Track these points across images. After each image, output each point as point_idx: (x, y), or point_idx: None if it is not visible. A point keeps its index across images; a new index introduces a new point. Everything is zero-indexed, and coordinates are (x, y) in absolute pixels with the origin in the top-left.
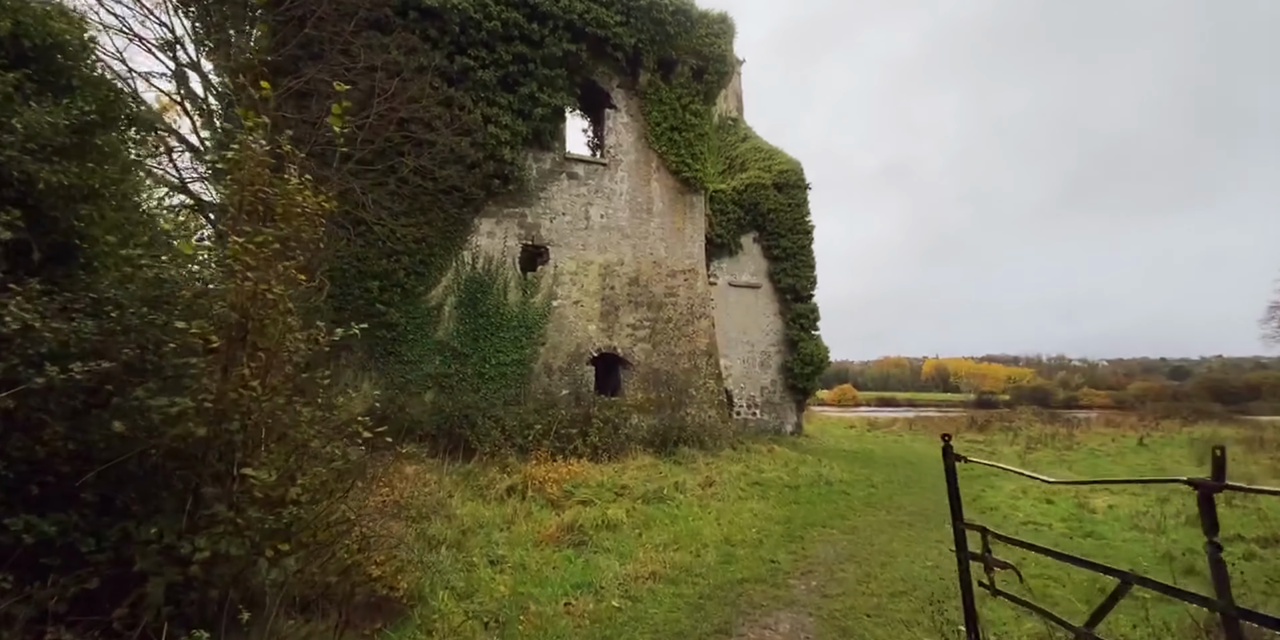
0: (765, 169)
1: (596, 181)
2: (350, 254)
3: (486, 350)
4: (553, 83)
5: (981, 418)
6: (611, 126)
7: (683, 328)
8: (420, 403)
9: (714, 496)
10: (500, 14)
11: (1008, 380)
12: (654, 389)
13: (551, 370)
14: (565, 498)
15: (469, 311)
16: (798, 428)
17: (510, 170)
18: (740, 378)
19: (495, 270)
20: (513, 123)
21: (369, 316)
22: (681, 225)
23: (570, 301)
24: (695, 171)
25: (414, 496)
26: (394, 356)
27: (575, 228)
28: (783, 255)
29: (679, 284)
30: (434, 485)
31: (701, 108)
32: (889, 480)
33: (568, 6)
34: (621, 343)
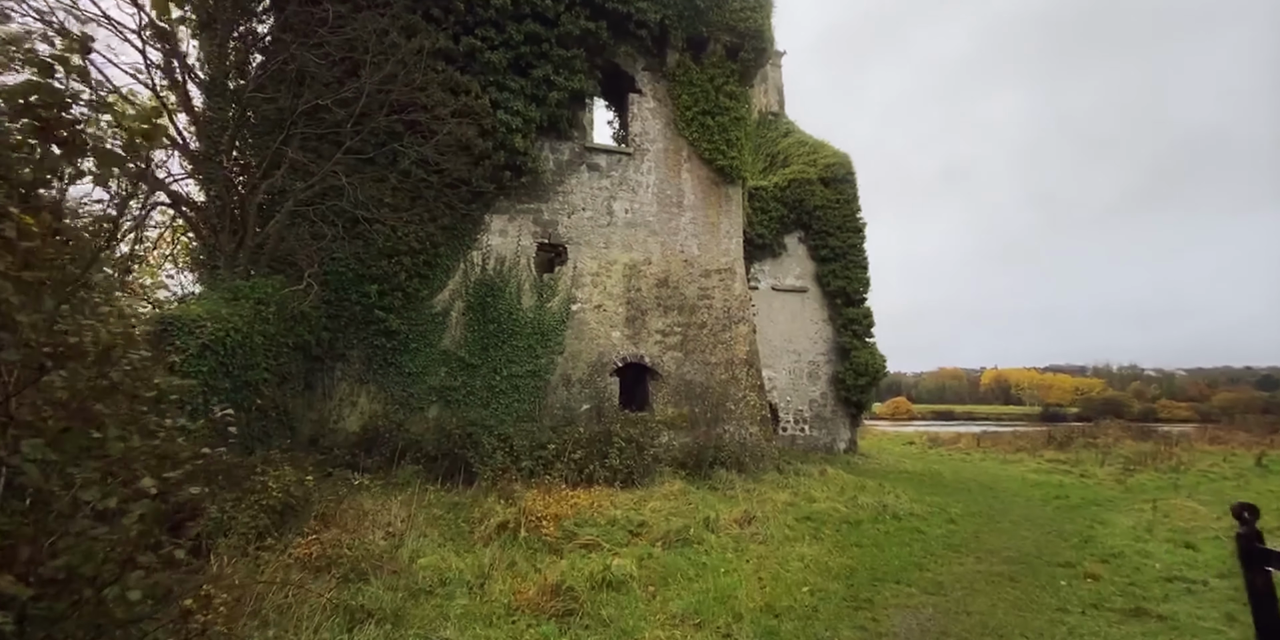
0: (810, 163)
1: (620, 173)
2: (347, 255)
3: (497, 360)
4: (570, 65)
5: (1060, 434)
6: (636, 112)
7: (719, 334)
8: (422, 419)
9: (754, 537)
10: None
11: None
12: (686, 403)
13: (570, 382)
14: (567, 539)
15: (478, 318)
16: (852, 445)
17: (523, 161)
18: (786, 390)
19: (507, 272)
20: (525, 109)
21: (367, 324)
22: (716, 220)
23: (591, 306)
24: (731, 160)
25: (358, 543)
26: (394, 368)
27: (597, 224)
28: (831, 256)
29: (714, 285)
30: (401, 524)
31: (737, 89)
32: (970, 512)
33: None
34: (649, 351)
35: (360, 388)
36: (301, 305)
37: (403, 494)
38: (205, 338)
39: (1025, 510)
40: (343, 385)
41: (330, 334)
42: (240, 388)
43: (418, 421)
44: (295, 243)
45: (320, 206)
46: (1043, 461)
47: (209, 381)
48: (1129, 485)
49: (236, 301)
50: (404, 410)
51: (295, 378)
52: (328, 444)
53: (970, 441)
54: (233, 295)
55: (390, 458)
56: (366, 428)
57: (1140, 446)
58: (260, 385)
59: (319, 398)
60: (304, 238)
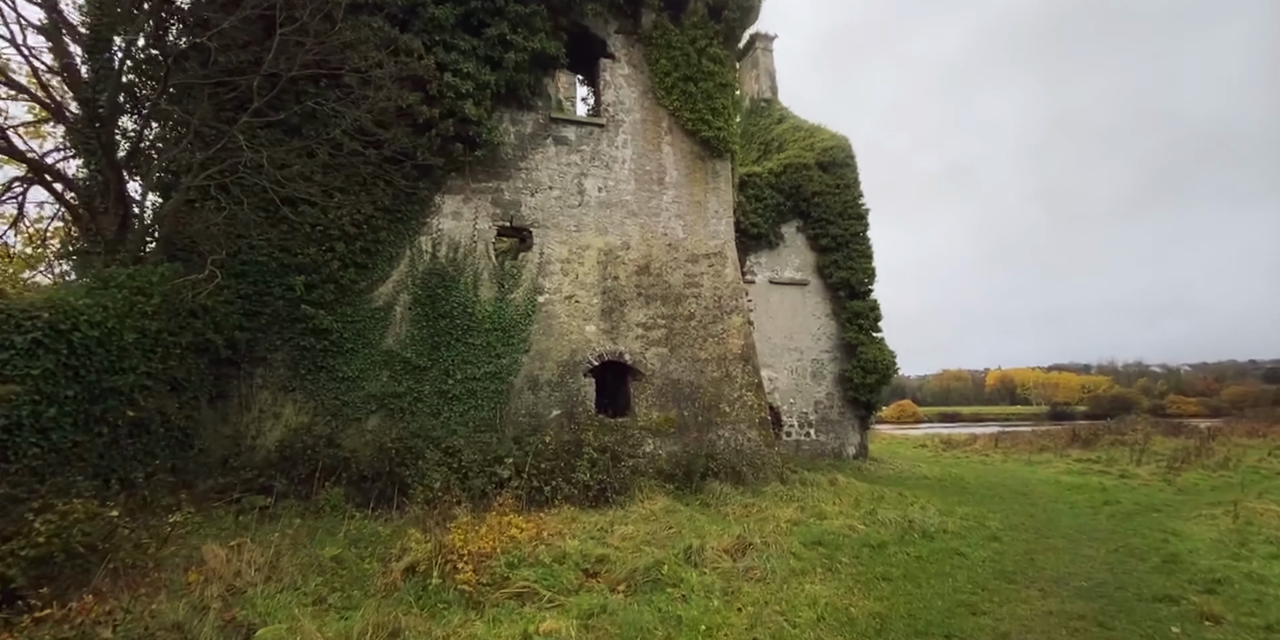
0: (806, 147)
1: (592, 147)
2: (269, 241)
3: (450, 361)
4: (529, 23)
5: (1085, 431)
6: (609, 80)
7: (709, 326)
8: (359, 432)
9: (749, 573)
10: None
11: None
12: (674, 405)
13: (537, 385)
14: (495, 585)
15: (427, 312)
16: (862, 450)
17: (477, 132)
18: (789, 391)
19: (462, 260)
20: (478, 71)
21: (293, 321)
22: (702, 198)
23: (561, 297)
24: (716, 130)
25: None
26: (326, 372)
27: (566, 205)
28: (832, 245)
29: (702, 271)
30: (254, 573)
31: (722, 52)
32: (1012, 525)
33: None
34: (630, 347)
35: (285, 397)
36: (199, 297)
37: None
38: (37, 332)
39: (1075, 520)
40: (263, 394)
41: (248, 334)
42: (99, 396)
43: (353, 435)
44: (200, 227)
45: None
46: (1071, 462)
47: (41, 386)
48: (1180, 486)
49: (102, 291)
50: (337, 422)
51: (197, 385)
52: (240, 464)
53: (987, 442)
54: (101, 284)
55: (310, 479)
56: (285, 444)
57: (1174, 442)
58: (135, 393)
59: (234, 409)
60: (215, 221)
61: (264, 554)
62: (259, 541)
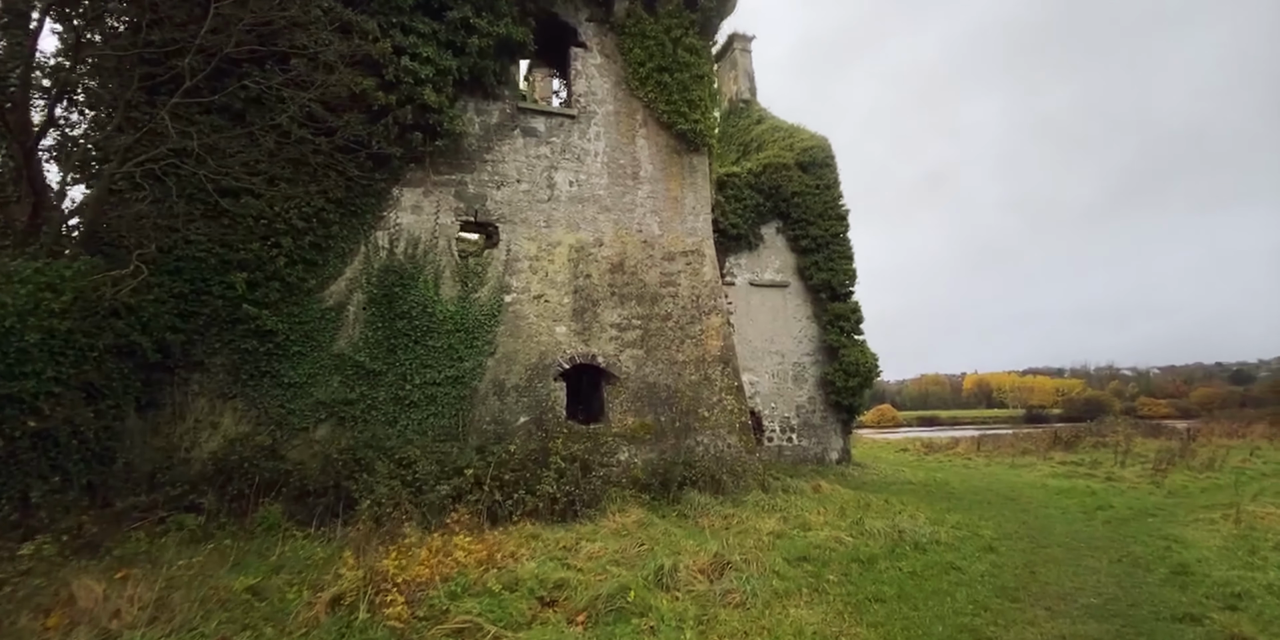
0: (786, 147)
1: (563, 139)
2: (208, 236)
3: (407, 365)
4: (493, 6)
5: (1066, 434)
6: (581, 69)
7: (686, 327)
8: (306, 443)
9: (727, 597)
10: None
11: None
12: (650, 410)
13: (504, 390)
14: (432, 620)
15: (383, 313)
16: (845, 455)
17: (438, 121)
18: (770, 396)
19: (422, 257)
20: (438, 56)
21: (234, 323)
22: (679, 193)
23: (529, 296)
24: (693, 123)
25: None
26: (270, 378)
27: (535, 199)
28: (813, 246)
29: (679, 270)
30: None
31: (698, 43)
32: (1006, 534)
33: None
34: (603, 349)
35: (224, 405)
36: (121, 295)
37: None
38: None
39: (1070, 527)
40: (200, 402)
41: (182, 336)
42: None
43: (299, 446)
44: (130, 219)
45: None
46: (1055, 465)
47: None
48: (1169, 488)
49: (3, 286)
50: (281, 432)
51: (119, 392)
52: (169, 479)
53: (969, 446)
54: (3, 278)
55: (248, 494)
56: (221, 456)
57: (1155, 443)
58: (40, 401)
59: (167, 419)
60: (148, 213)
61: (152, 588)
62: (152, 572)
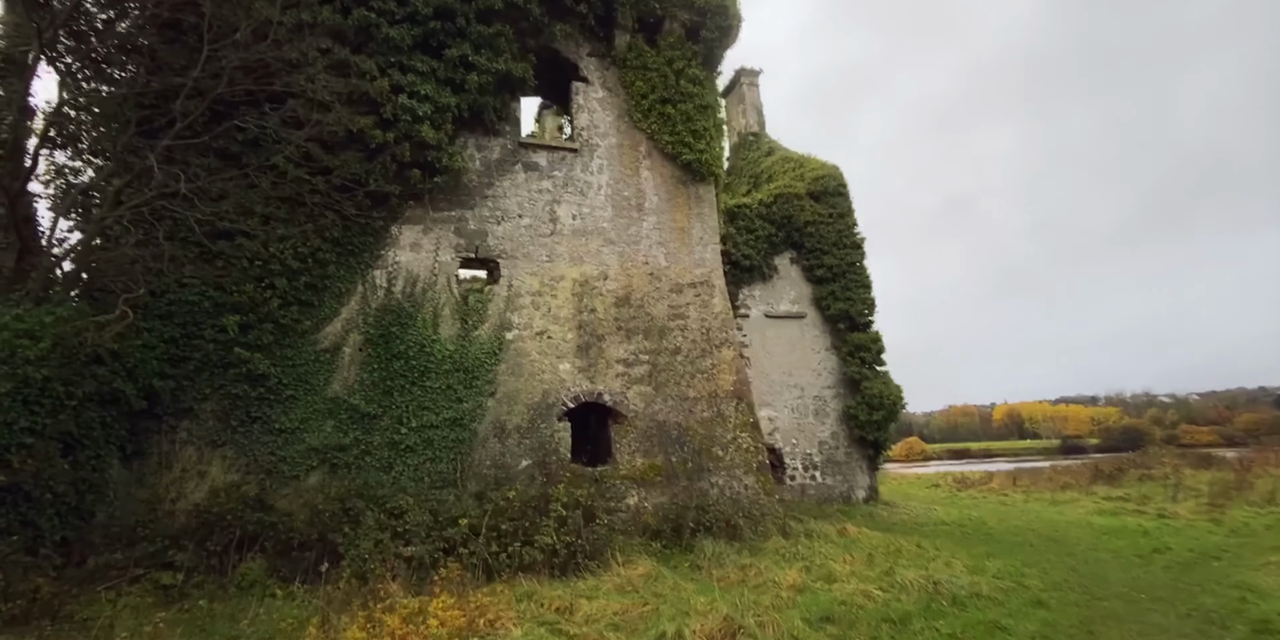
0: (797, 177)
1: (565, 173)
2: (201, 279)
3: (404, 408)
4: (492, 44)
5: (1108, 466)
6: (583, 104)
7: (697, 361)
8: (297, 492)
9: None
10: None
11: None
12: (660, 451)
13: (505, 432)
14: None
15: (380, 354)
16: (872, 493)
17: (436, 157)
18: (790, 431)
19: (420, 295)
20: (436, 93)
21: (225, 367)
22: (686, 224)
23: (531, 332)
24: (698, 153)
25: None
26: (261, 424)
27: (537, 234)
28: (828, 276)
29: (688, 302)
30: None
31: (701, 74)
32: (1055, 584)
33: None
34: (609, 386)
35: (213, 453)
36: (104, 341)
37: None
38: None
39: (1126, 574)
40: (188, 450)
41: (171, 382)
42: None
43: (289, 495)
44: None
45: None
46: (1100, 500)
47: None
48: (1231, 526)
49: None
50: (271, 480)
51: (100, 442)
52: (149, 533)
53: (1005, 480)
54: None
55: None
56: (203, 508)
57: (1207, 475)
58: (10, 453)
59: (154, 469)
60: (136, 256)
61: None
62: None
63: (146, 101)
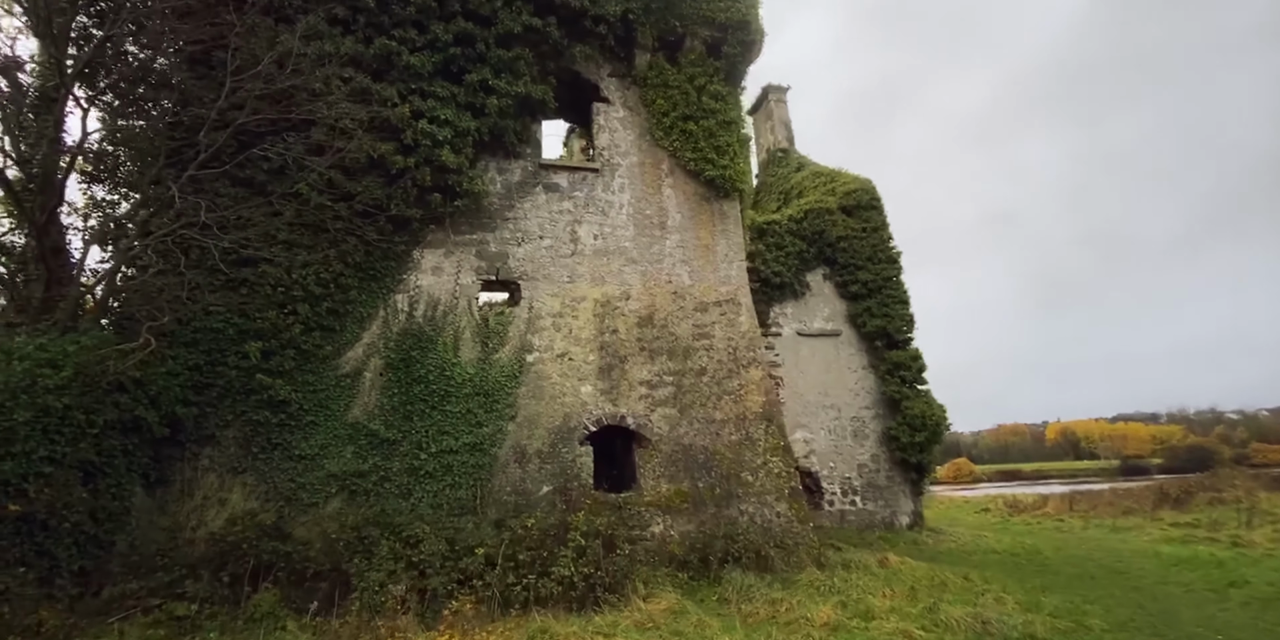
0: (828, 192)
1: (586, 193)
2: (227, 306)
3: (423, 433)
4: (512, 67)
5: (1173, 488)
6: (603, 124)
7: (723, 382)
8: (315, 520)
9: None
10: None
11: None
12: (686, 476)
13: (525, 457)
14: None
15: (400, 378)
16: (917, 519)
17: (457, 181)
18: (828, 454)
19: (441, 318)
20: (456, 117)
21: (247, 394)
22: (710, 241)
23: (552, 354)
24: (722, 169)
25: None
26: (281, 450)
27: (558, 254)
28: (864, 292)
29: (713, 320)
30: None
31: (723, 89)
32: (1119, 622)
33: None
34: (632, 409)
35: (234, 480)
36: (126, 369)
37: None
38: None
39: (1200, 612)
40: (210, 478)
41: (194, 409)
42: None
43: (308, 523)
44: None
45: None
46: (1166, 527)
47: None
48: None
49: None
50: (291, 508)
51: (121, 470)
52: (166, 563)
53: (1060, 505)
54: (1, 357)
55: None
56: (219, 537)
57: None
58: (27, 482)
59: (176, 497)
60: (168, 286)
61: None
62: None
63: (177, 135)
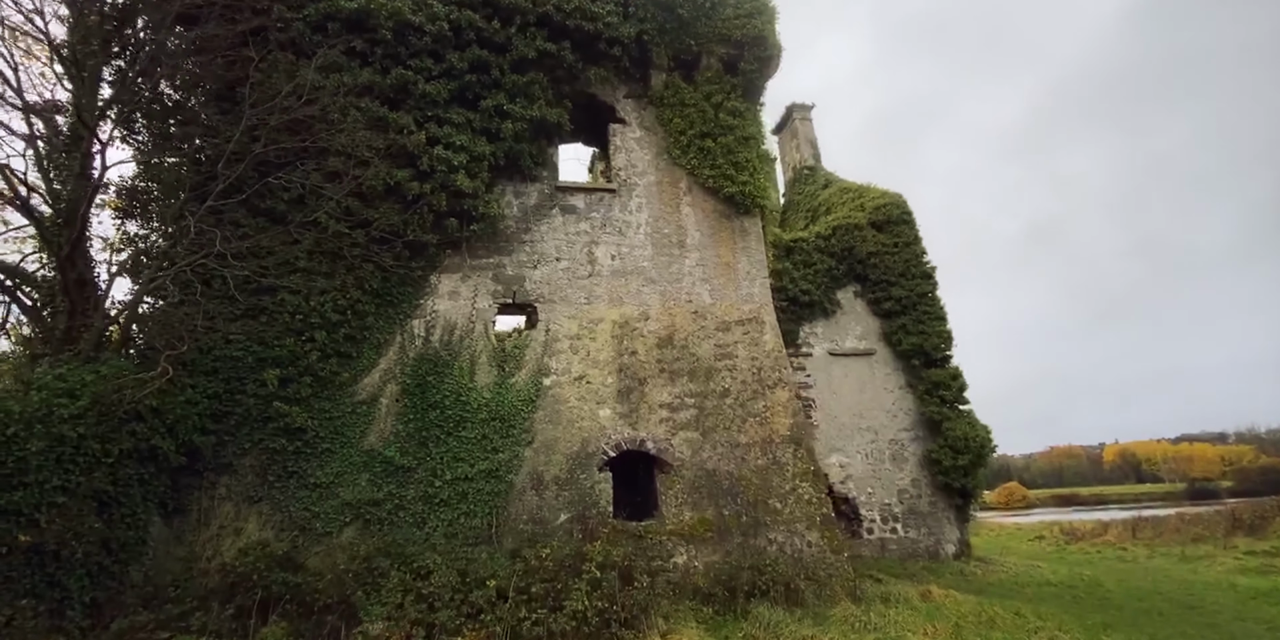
0: (857, 208)
1: (603, 213)
2: (246, 334)
3: (438, 460)
4: (527, 92)
5: (1249, 512)
6: (619, 144)
7: (748, 404)
8: (329, 549)
9: None
10: (448, 15)
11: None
12: (710, 503)
13: (542, 483)
14: None
15: (416, 403)
16: (963, 548)
17: (472, 205)
18: (865, 479)
19: (458, 343)
20: (471, 142)
21: (265, 421)
22: (731, 259)
23: (570, 377)
24: (741, 185)
25: None
26: (296, 478)
27: (575, 276)
28: (897, 309)
29: (736, 340)
30: None
31: (741, 105)
32: None
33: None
34: (653, 433)
35: (250, 509)
36: (141, 398)
37: None
38: None
39: None
40: (226, 507)
41: (212, 438)
42: None
43: (320, 553)
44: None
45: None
46: (1241, 555)
47: None
48: None
49: (20, 395)
50: (305, 537)
51: (137, 500)
52: (183, 593)
53: (1122, 532)
54: (22, 386)
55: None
56: (229, 568)
57: None
58: (39, 512)
59: (193, 526)
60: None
61: None
62: None
63: (203, 169)
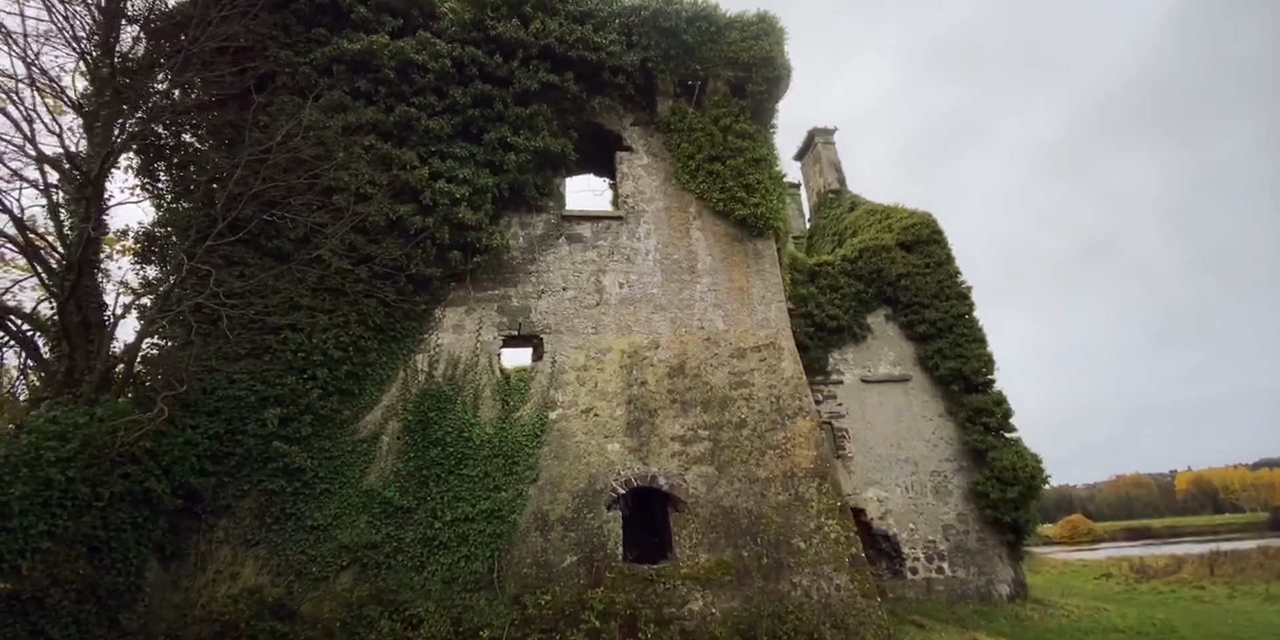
0: (884, 229)
1: (610, 241)
2: (250, 373)
3: (439, 500)
4: (530, 123)
5: None
6: (626, 172)
7: (766, 435)
8: (326, 595)
9: None
10: (451, 52)
11: None
12: (727, 543)
13: (547, 523)
14: None
15: (417, 441)
16: (1018, 588)
17: (475, 238)
18: (906, 514)
19: (461, 377)
20: (474, 175)
21: (264, 462)
22: (744, 283)
23: (577, 410)
24: (753, 207)
25: None
26: (294, 520)
27: (582, 305)
28: (932, 332)
29: (752, 367)
30: None
31: (750, 127)
32: None
33: (541, 30)
34: (664, 467)
35: (247, 552)
36: (134, 440)
37: None
38: None
39: None
40: (223, 551)
41: (211, 480)
42: None
43: (316, 598)
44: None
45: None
46: None
47: None
48: None
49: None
50: (300, 582)
51: (133, 544)
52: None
53: (1199, 568)
54: (13, 431)
55: None
56: (216, 616)
57: None
58: (22, 559)
59: (190, 570)
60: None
61: None
62: None
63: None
